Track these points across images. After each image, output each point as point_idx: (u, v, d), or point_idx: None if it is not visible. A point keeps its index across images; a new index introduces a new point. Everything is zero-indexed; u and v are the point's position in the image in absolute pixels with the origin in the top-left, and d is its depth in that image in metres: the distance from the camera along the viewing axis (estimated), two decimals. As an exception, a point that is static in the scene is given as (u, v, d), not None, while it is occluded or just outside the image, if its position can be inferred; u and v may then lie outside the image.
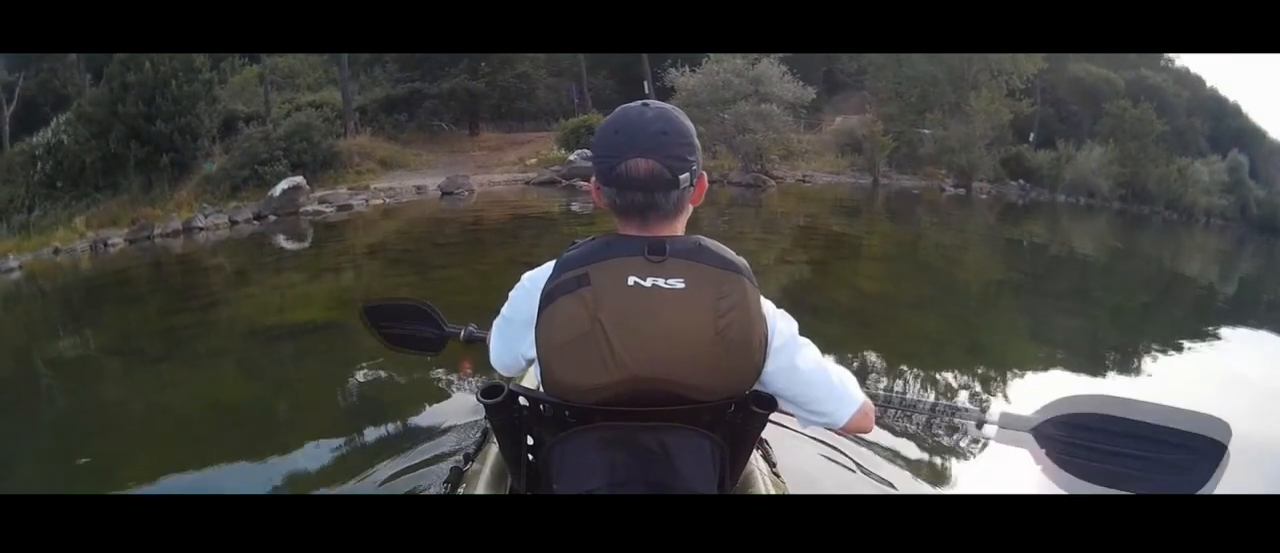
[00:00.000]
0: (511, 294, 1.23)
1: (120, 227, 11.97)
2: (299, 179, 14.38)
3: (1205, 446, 1.25)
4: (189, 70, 15.01)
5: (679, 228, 1.17)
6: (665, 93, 21.96)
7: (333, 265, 8.01)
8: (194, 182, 15.07)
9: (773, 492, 1.46)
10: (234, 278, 7.98)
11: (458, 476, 1.62)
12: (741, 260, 1.12)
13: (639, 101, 1.16)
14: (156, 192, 14.32)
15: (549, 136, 21.39)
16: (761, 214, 13.92)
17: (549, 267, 1.15)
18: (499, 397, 1.16)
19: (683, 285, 1.08)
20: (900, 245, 11.44)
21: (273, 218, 13.05)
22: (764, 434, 1.35)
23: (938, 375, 4.59)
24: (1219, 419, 1.26)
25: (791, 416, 1.24)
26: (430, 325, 2.04)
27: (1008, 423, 1.42)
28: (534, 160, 19.24)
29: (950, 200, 20.16)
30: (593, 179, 1.18)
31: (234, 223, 12.70)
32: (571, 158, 18.18)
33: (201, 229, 11.93)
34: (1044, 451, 1.37)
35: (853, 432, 1.36)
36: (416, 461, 2.91)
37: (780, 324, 1.16)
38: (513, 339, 1.23)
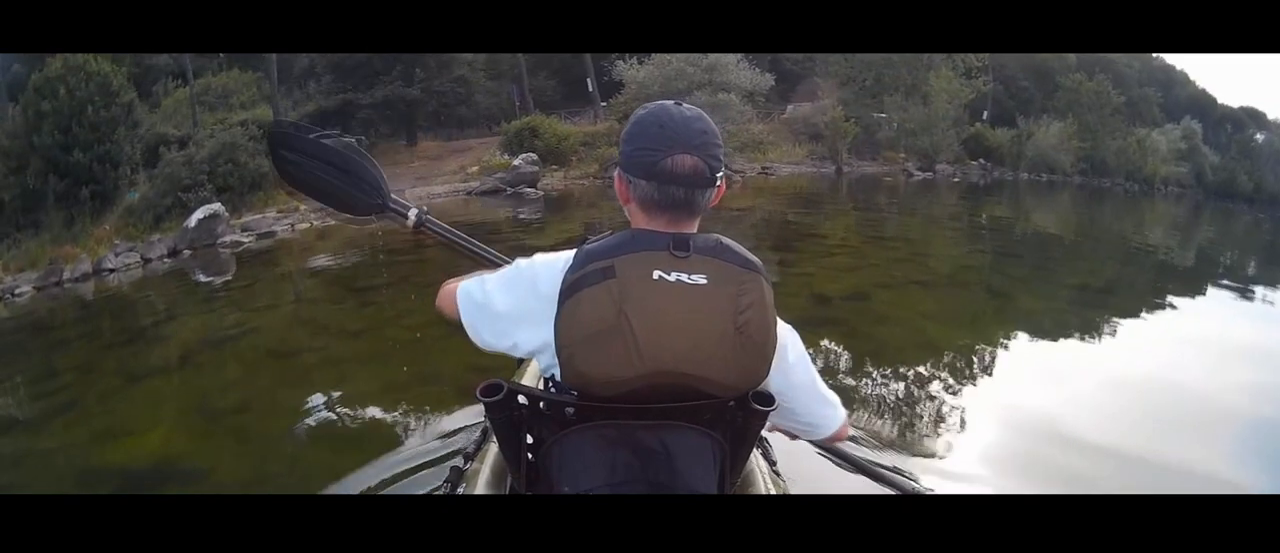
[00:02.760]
0: (528, 263, 1.19)
1: (39, 268, 10.74)
2: (216, 206, 13.08)
3: None
4: (105, 94, 13.83)
5: (696, 228, 1.16)
6: (612, 87, 20.96)
7: (242, 319, 6.42)
8: (116, 214, 13.71)
9: (773, 492, 1.45)
10: (117, 340, 6.53)
11: (458, 475, 1.63)
12: (758, 260, 1.13)
13: (670, 101, 1.17)
14: (78, 227, 13.08)
15: (491, 142, 20.20)
16: (728, 215, 12.64)
17: (566, 254, 1.13)
18: (498, 395, 1.13)
19: (705, 281, 1.08)
20: (903, 241, 10.54)
21: (188, 252, 11.76)
22: (764, 434, 1.42)
23: (915, 370, 4.44)
24: None
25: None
26: (364, 184, 1.69)
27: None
28: (476, 168, 17.90)
29: (918, 185, 19.42)
30: (618, 171, 1.17)
31: (147, 260, 11.34)
32: (515, 163, 16.92)
33: (112, 270, 10.61)
34: None
35: (826, 444, 1.49)
36: (416, 461, 2.89)
37: (783, 333, 1.18)
38: (512, 310, 1.18)
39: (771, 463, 1.64)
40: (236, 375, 4.75)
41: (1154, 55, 35.33)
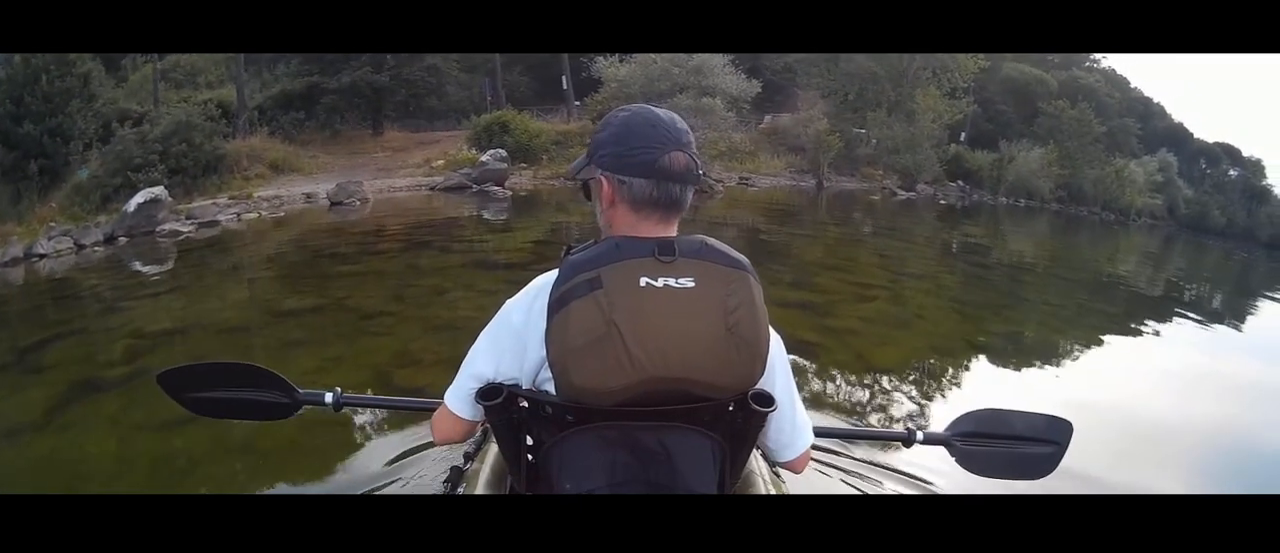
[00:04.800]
0: (498, 321, 1.18)
1: (-20, 245, 10.00)
2: (157, 191, 12.01)
3: (1057, 439, 1.64)
4: (61, 64, 13.20)
5: (676, 230, 1.17)
6: (590, 85, 20.23)
7: (151, 345, 5.01)
8: (64, 192, 12.94)
9: (772, 492, 1.46)
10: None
11: (458, 475, 1.66)
12: (745, 259, 1.13)
13: (641, 105, 1.18)
14: (25, 204, 12.43)
15: (459, 136, 19.35)
16: (710, 226, 11.90)
17: (530, 291, 1.15)
18: (498, 398, 1.13)
19: (693, 284, 1.07)
20: (930, 279, 9.73)
21: (124, 240, 10.70)
22: None
23: (886, 386, 4.53)
24: (1064, 420, 1.65)
25: None
26: (272, 389, 1.67)
27: (929, 440, 1.70)
28: (441, 162, 17.04)
29: (901, 204, 18.94)
30: (601, 174, 1.15)
31: (81, 247, 10.25)
32: (483, 159, 16.07)
33: (43, 256, 9.54)
34: (954, 458, 1.68)
35: (783, 467, 1.43)
36: (416, 461, 2.83)
37: (773, 340, 1.17)
38: (503, 361, 1.16)
39: (771, 464, 1.63)
40: (114, 445, 3.38)
41: (1133, 86, 35.62)
